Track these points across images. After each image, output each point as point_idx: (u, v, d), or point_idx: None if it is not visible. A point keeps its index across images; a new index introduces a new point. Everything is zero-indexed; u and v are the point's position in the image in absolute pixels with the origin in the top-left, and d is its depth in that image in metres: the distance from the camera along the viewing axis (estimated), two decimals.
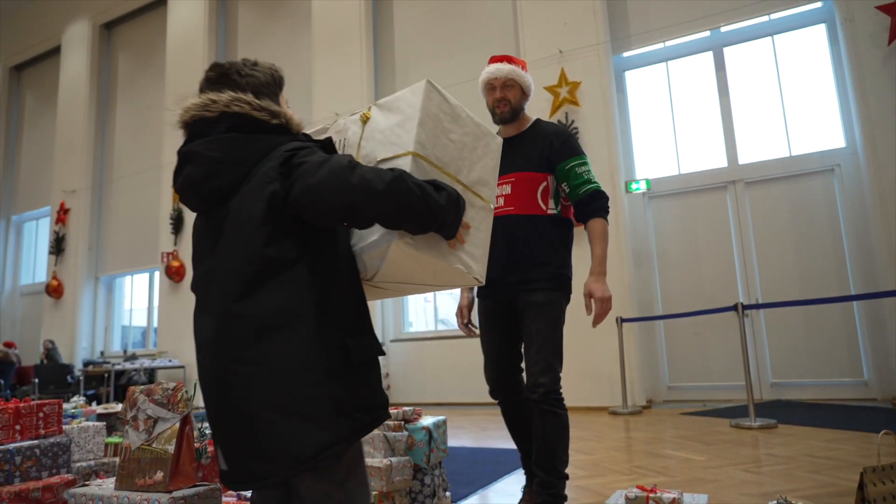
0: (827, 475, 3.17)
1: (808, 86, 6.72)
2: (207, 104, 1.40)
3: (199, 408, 7.37)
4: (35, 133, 14.10)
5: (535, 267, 2.40)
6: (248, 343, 1.25)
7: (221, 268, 1.32)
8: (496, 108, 2.59)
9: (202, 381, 1.35)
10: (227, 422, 1.27)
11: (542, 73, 7.45)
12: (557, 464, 2.36)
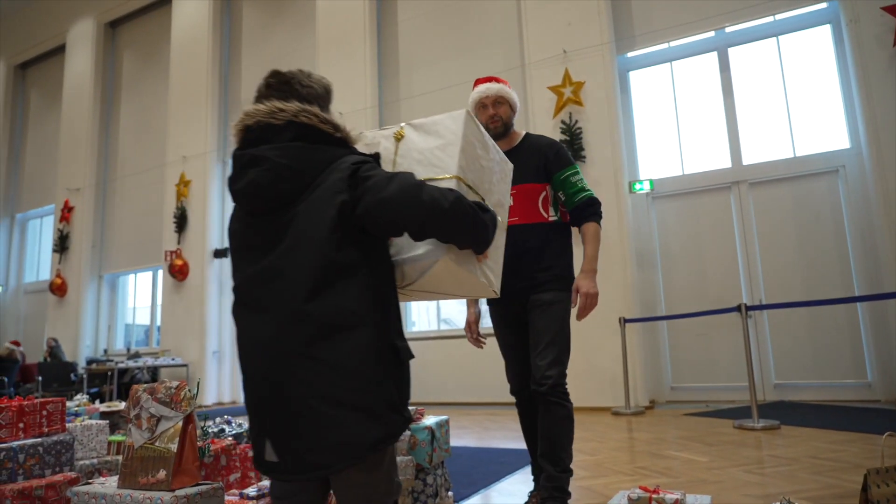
0: (830, 477, 3.16)
1: (813, 87, 6.70)
2: (274, 111, 1.48)
3: (202, 406, 7.36)
4: (39, 131, 14.14)
5: (541, 271, 2.55)
6: (314, 341, 1.33)
7: (289, 269, 1.38)
8: (489, 125, 2.67)
9: (251, 375, 1.42)
10: (282, 416, 1.33)
11: (545, 74, 7.45)
12: (563, 456, 2.44)
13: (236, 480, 2.66)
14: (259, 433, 1.38)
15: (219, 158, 10.58)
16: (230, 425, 2.76)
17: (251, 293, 1.45)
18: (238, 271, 1.51)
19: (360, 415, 1.32)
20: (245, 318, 1.46)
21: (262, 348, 1.39)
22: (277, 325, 1.37)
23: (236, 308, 1.50)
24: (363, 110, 8.76)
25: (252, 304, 1.44)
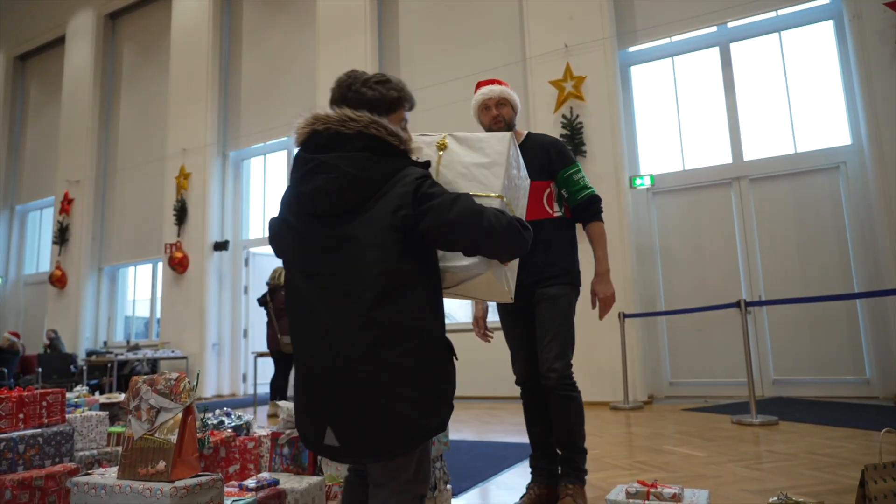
0: (828, 472, 3.17)
1: (815, 83, 6.69)
2: (345, 120, 1.55)
3: (201, 399, 7.35)
4: (39, 123, 14.12)
5: (547, 266, 2.65)
6: (378, 344, 1.44)
7: (355, 276, 1.48)
8: (493, 125, 2.79)
9: (315, 370, 1.51)
10: (347, 409, 1.46)
11: (547, 68, 7.43)
12: (576, 440, 2.60)
13: (235, 472, 2.67)
14: (320, 421, 1.50)
15: (218, 151, 10.56)
16: (229, 417, 2.77)
17: (315, 294, 1.53)
18: (295, 268, 1.58)
19: (417, 409, 1.45)
20: (308, 317, 1.53)
21: (328, 347, 1.48)
22: (345, 327, 1.47)
23: (295, 306, 1.58)
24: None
25: (316, 306, 1.52)
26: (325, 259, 1.52)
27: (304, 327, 1.54)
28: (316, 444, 1.53)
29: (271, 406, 6.99)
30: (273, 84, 10.32)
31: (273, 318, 7.08)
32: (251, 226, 10.60)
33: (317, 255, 1.54)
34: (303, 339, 1.54)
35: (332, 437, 1.48)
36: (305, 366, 1.54)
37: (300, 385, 1.56)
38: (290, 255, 1.60)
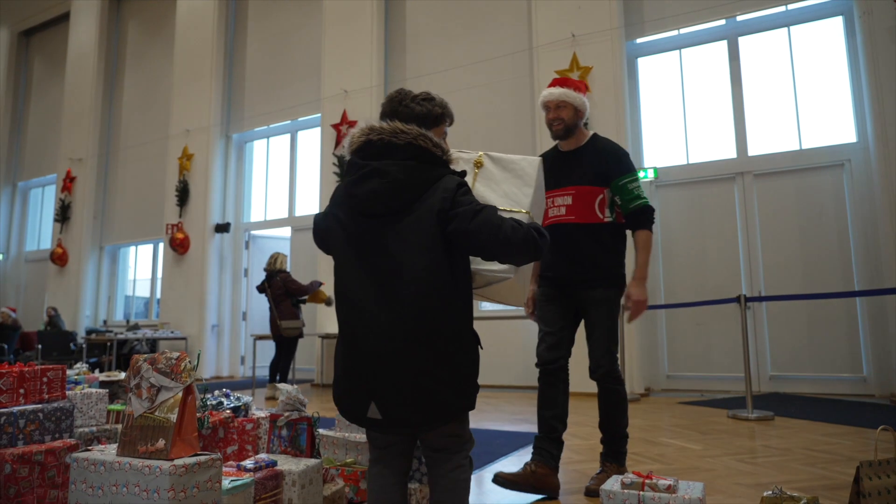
0: (822, 468, 3.19)
1: (822, 79, 6.65)
2: (398, 133, 1.75)
3: (201, 380, 7.37)
4: (42, 99, 14.07)
5: (593, 267, 2.82)
6: (424, 331, 1.65)
7: (405, 271, 1.68)
8: (552, 126, 2.92)
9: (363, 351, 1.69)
10: (391, 386, 1.66)
11: (553, 57, 7.39)
12: (618, 428, 2.83)
13: (233, 453, 2.69)
14: (364, 396, 1.69)
15: (222, 133, 10.53)
16: (228, 398, 2.78)
17: (365, 285, 1.72)
18: (346, 262, 1.77)
19: (451, 389, 1.68)
20: (358, 307, 1.72)
21: (377, 333, 1.67)
22: (395, 315, 1.66)
23: (345, 296, 1.77)
24: (368, 88, 8.69)
25: (366, 296, 1.71)
26: (375, 254, 1.72)
27: (355, 315, 1.73)
28: (358, 418, 1.73)
29: (269, 388, 7.03)
30: (278, 67, 10.27)
31: (272, 303, 7.10)
32: (253, 209, 10.59)
33: (368, 251, 1.73)
34: (352, 325, 1.73)
35: (376, 410, 1.68)
36: (352, 348, 1.72)
37: (344, 365, 1.75)
38: (340, 250, 1.79)
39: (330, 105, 9.02)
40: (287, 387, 2.44)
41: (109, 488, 1.52)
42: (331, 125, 8.93)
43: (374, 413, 1.68)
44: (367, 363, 1.68)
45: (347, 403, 1.75)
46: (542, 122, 7.34)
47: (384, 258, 1.71)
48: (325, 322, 8.55)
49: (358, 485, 2.35)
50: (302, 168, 10.06)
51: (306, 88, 9.78)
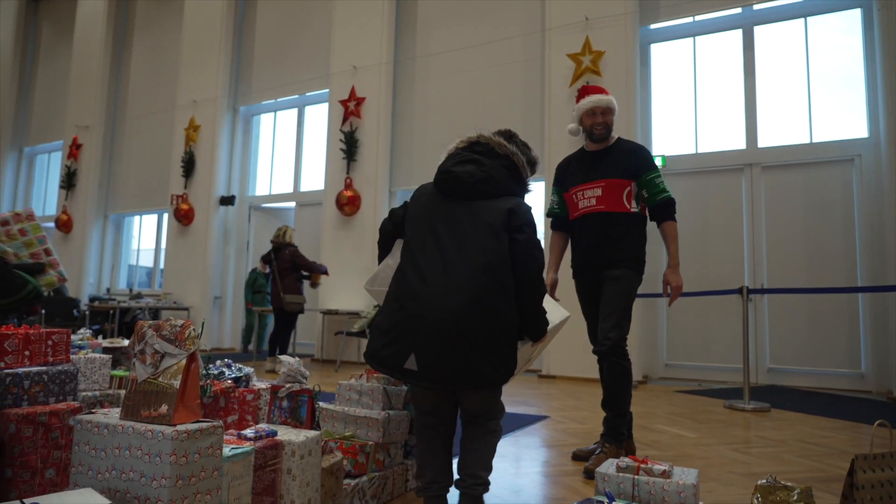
0: (816, 461, 3.21)
1: (837, 72, 6.58)
2: (502, 144, 2.18)
3: (205, 351, 7.43)
4: (50, 65, 13.99)
5: (617, 251, 3.08)
6: (480, 301, 1.91)
7: (472, 249, 1.97)
8: (594, 130, 3.21)
9: (415, 309, 1.93)
10: (436, 342, 1.88)
11: (565, 40, 7.32)
12: (618, 405, 2.99)
13: (234, 422, 2.71)
14: (404, 348, 1.92)
15: (229, 105, 10.48)
16: (230, 368, 2.80)
17: (437, 256, 2.00)
18: (420, 236, 2.06)
19: (490, 360, 1.90)
20: (426, 267, 1.99)
21: (440, 295, 1.92)
22: (458, 283, 1.92)
23: (412, 263, 2.03)
24: (378, 66, 8.63)
25: (437, 264, 1.98)
26: (451, 231, 2.02)
27: (419, 279, 1.98)
28: (395, 367, 1.94)
29: (269, 361, 7.07)
30: (287, 41, 10.19)
31: (276, 275, 7.10)
32: (258, 182, 10.58)
33: (445, 228, 2.03)
34: (413, 287, 1.97)
35: (413, 362, 1.90)
36: (408, 307, 1.95)
37: (393, 321, 1.97)
38: (416, 228, 2.09)
39: (338, 81, 8.96)
40: (289, 359, 2.46)
41: (112, 451, 1.54)
42: (339, 101, 8.88)
43: (411, 364, 1.90)
44: (419, 320, 1.91)
45: (386, 354, 1.96)
46: (552, 105, 7.32)
47: (458, 235, 2.00)
48: (327, 298, 8.58)
49: (356, 458, 2.38)
50: (309, 143, 10.02)
51: (315, 63, 9.71)
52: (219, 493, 1.59)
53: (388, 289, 2.12)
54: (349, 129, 8.74)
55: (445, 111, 8.48)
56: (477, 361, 1.88)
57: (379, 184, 8.52)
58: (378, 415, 2.45)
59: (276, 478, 1.84)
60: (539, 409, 4.75)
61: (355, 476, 2.33)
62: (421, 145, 8.63)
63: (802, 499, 1.84)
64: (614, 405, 3.01)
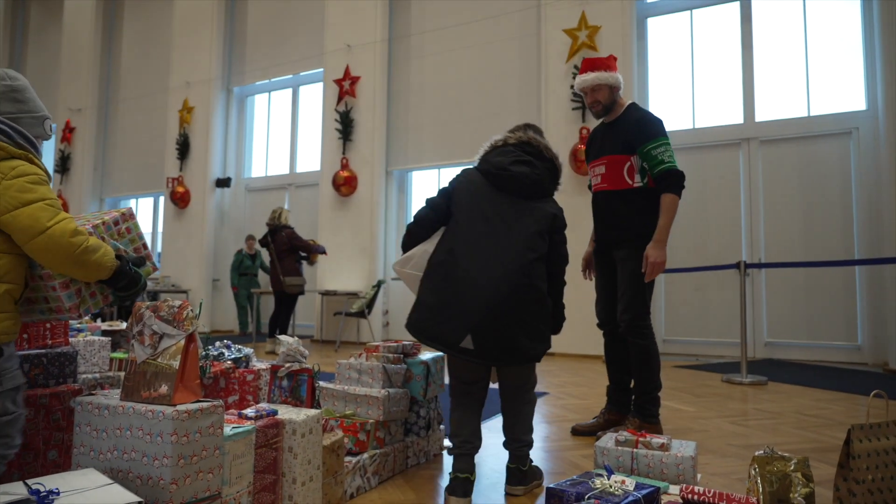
0: (813, 432, 3.24)
1: (835, 44, 6.52)
2: (548, 148, 2.40)
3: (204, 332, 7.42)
4: (40, 48, 13.81)
5: (623, 229, 3.07)
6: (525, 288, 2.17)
7: (520, 240, 2.21)
8: (591, 109, 3.21)
9: (468, 293, 2.15)
10: (490, 325, 2.12)
11: (561, 15, 7.24)
12: (644, 385, 3.01)
13: (234, 402, 2.73)
14: (460, 327, 2.14)
15: (223, 86, 10.38)
16: (230, 349, 2.81)
17: (488, 244, 2.21)
18: (468, 220, 2.26)
19: (533, 339, 2.19)
20: (480, 255, 2.20)
21: (495, 284, 2.14)
22: (506, 271, 2.16)
23: (466, 242, 2.22)
24: (372, 44, 8.54)
25: (488, 252, 2.20)
26: (504, 223, 2.23)
27: (476, 263, 2.18)
28: (452, 345, 2.16)
29: (269, 343, 7.10)
30: (280, 20, 10.06)
31: (275, 258, 7.09)
32: (254, 164, 10.52)
33: (498, 220, 2.24)
34: (466, 269, 2.18)
35: (470, 342, 2.13)
36: (461, 290, 2.16)
37: (443, 301, 2.18)
38: (467, 213, 2.27)
39: (333, 60, 8.87)
40: (288, 338, 2.47)
41: (113, 431, 1.54)
42: (333, 80, 8.80)
43: (468, 344, 2.13)
44: (476, 304, 2.12)
45: (439, 331, 2.17)
46: (548, 81, 7.27)
47: (511, 230, 2.22)
48: (325, 279, 8.59)
49: (357, 436, 2.40)
50: (304, 124, 9.95)
51: (309, 42, 9.61)
52: (221, 472, 1.60)
53: (428, 270, 2.28)
54: (344, 108, 8.68)
55: (441, 88, 8.41)
56: (524, 342, 2.16)
57: (375, 163, 8.48)
58: (378, 393, 2.47)
59: (277, 456, 1.85)
60: (539, 386, 4.77)
61: (356, 454, 2.35)
62: (417, 124, 8.57)
63: (799, 469, 1.86)
64: (640, 386, 3.03)
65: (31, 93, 1.82)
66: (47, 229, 1.62)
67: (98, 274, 1.73)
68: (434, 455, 2.80)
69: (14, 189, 1.64)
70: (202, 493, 1.53)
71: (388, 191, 8.70)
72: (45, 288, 1.74)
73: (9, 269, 1.67)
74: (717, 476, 2.47)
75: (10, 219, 1.62)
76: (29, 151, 1.74)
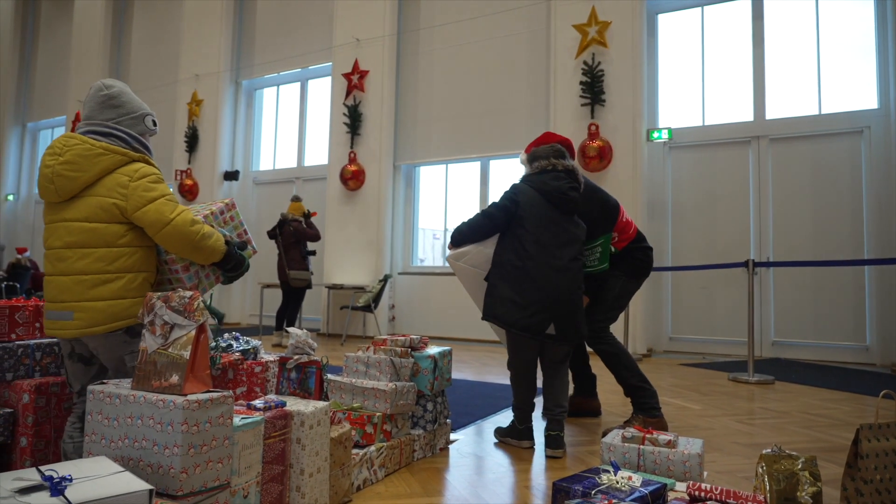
0: (820, 431, 3.23)
1: (848, 42, 6.46)
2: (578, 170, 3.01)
3: (214, 323, 7.39)
4: (50, 40, 13.87)
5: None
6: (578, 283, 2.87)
7: (572, 251, 2.87)
8: None
9: (546, 287, 2.77)
10: (565, 312, 2.78)
11: (571, 10, 7.20)
12: (629, 382, 3.21)
13: (242, 394, 2.74)
14: (546, 318, 2.76)
15: (232, 79, 10.39)
16: (238, 341, 2.82)
17: (554, 247, 2.83)
18: (536, 230, 2.83)
19: (585, 324, 2.92)
20: (552, 261, 2.80)
21: (565, 283, 2.80)
22: (567, 271, 2.82)
23: (538, 251, 2.80)
24: (381, 38, 8.53)
25: (556, 257, 2.82)
26: (561, 233, 2.86)
27: (552, 262, 2.80)
28: (538, 332, 2.76)
29: (276, 335, 7.12)
30: (289, 13, 10.06)
31: (282, 251, 7.11)
32: (262, 157, 10.54)
33: (560, 227, 2.86)
34: (541, 271, 2.78)
35: (553, 329, 2.77)
36: (545, 283, 2.76)
37: (528, 296, 2.76)
38: (534, 221, 2.84)
39: (341, 54, 8.87)
40: (297, 331, 2.48)
41: (125, 420, 1.56)
42: (342, 74, 8.80)
43: (551, 331, 2.76)
44: (555, 298, 2.76)
45: (529, 322, 2.75)
46: (557, 77, 7.26)
47: (566, 241, 2.86)
48: (332, 272, 8.61)
49: (364, 428, 2.41)
50: (312, 118, 9.96)
51: (318, 36, 9.60)
52: (230, 462, 1.62)
53: (503, 271, 2.83)
54: (353, 102, 8.68)
55: (450, 83, 8.40)
56: (582, 326, 2.87)
57: (383, 158, 8.48)
58: (386, 386, 2.48)
59: (285, 447, 1.87)
60: None
61: (363, 446, 2.36)
62: (425, 118, 8.57)
63: (807, 467, 1.86)
64: (625, 386, 3.22)
65: (128, 94, 2.11)
66: (171, 221, 1.95)
67: (212, 257, 2.07)
68: (440, 449, 2.81)
69: (141, 189, 1.96)
70: (211, 482, 1.54)
71: (395, 185, 8.70)
72: (169, 271, 2.09)
73: (145, 260, 2.02)
74: (723, 474, 2.47)
75: (141, 214, 1.95)
76: (144, 153, 2.07)
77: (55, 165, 1.95)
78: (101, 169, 1.96)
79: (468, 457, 2.72)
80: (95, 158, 1.96)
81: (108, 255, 1.93)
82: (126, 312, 1.94)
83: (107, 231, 1.93)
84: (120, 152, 1.99)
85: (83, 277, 1.89)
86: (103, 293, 1.91)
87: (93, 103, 2.07)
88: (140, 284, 1.98)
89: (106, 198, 1.94)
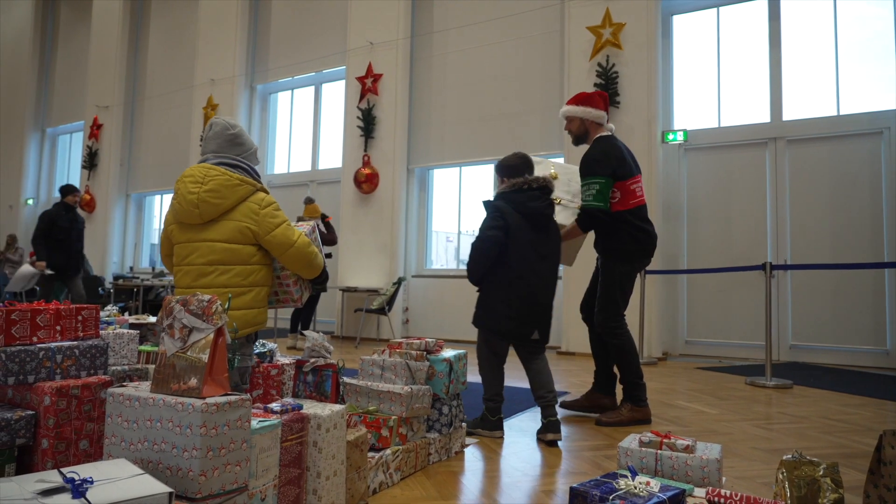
0: (840, 437, 3.19)
1: (866, 42, 6.39)
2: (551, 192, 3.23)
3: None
4: (69, 46, 14.06)
5: (598, 245, 3.63)
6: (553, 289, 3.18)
7: (552, 263, 3.18)
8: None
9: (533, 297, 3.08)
10: (546, 318, 3.15)
11: (585, 12, 7.18)
12: (627, 375, 3.45)
13: (258, 396, 2.76)
14: (531, 324, 3.09)
15: (247, 84, 10.47)
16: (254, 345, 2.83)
17: (538, 262, 3.10)
18: (520, 249, 3.07)
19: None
20: (535, 271, 3.09)
21: (544, 292, 3.12)
22: (549, 283, 3.15)
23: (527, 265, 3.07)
24: (395, 41, 8.56)
25: (540, 270, 3.11)
26: (540, 245, 3.12)
27: (534, 275, 3.08)
28: (524, 337, 3.10)
29: (291, 338, 7.15)
30: (303, 18, 10.13)
31: None
32: (277, 160, 10.61)
33: (539, 243, 3.12)
34: (531, 283, 3.07)
35: (537, 334, 3.11)
36: (530, 296, 3.07)
37: (522, 309, 3.06)
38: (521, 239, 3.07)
39: (355, 57, 8.90)
40: (313, 334, 2.49)
41: (144, 422, 1.57)
42: (356, 78, 8.83)
43: (536, 336, 3.10)
44: (538, 309, 3.09)
45: (520, 330, 3.07)
46: (571, 79, 7.24)
47: (546, 254, 3.14)
48: (346, 275, 8.63)
49: (379, 431, 2.41)
50: (326, 121, 10.01)
51: (332, 40, 9.66)
52: (248, 464, 1.62)
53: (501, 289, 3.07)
54: (366, 106, 8.71)
55: (463, 86, 8.41)
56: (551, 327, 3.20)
57: (397, 161, 8.50)
58: (401, 390, 2.48)
59: (302, 450, 1.87)
60: (558, 385, 4.77)
61: (379, 450, 2.36)
62: (439, 121, 8.58)
63: (829, 474, 1.83)
64: (622, 376, 3.48)
65: (246, 134, 2.51)
66: (294, 243, 2.38)
67: (316, 272, 2.49)
68: (456, 452, 2.81)
69: (268, 216, 2.37)
70: (230, 484, 1.55)
71: (409, 188, 8.72)
72: (281, 285, 2.50)
73: (267, 276, 2.43)
74: (742, 480, 2.45)
75: (270, 238, 2.35)
76: (261, 183, 2.46)
77: (200, 192, 2.28)
78: (238, 197, 2.33)
79: (484, 460, 2.71)
80: (234, 188, 2.32)
81: (244, 272, 2.32)
82: (255, 320, 2.36)
83: (243, 251, 2.32)
84: (250, 183, 2.37)
85: (226, 290, 2.24)
86: (240, 304, 2.29)
87: (221, 140, 2.41)
88: (264, 296, 2.38)
89: (241, 222, 2.31)
